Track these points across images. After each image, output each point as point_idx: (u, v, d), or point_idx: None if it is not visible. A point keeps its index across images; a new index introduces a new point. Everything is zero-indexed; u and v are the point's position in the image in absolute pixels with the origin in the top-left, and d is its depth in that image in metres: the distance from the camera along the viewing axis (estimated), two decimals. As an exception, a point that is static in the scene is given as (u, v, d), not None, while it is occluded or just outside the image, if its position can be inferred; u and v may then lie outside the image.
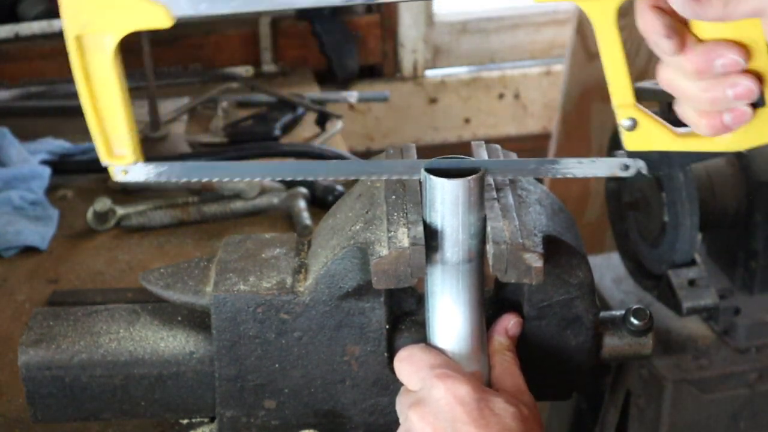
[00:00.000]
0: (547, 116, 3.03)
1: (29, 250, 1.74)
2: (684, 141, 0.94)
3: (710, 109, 0.88)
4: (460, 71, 3.06)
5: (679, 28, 0.86)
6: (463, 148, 1.07)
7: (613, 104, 0.93)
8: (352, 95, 2.49)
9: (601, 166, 0.99)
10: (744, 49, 0.86)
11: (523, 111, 3.07)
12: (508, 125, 3.07)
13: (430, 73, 3.02)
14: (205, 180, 1.01)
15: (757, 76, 0.87)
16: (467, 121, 3.05)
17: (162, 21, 0.89)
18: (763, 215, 1.81)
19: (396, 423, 1.00)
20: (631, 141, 0.94)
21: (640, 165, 0.97)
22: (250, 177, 1.06)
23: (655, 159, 0.96)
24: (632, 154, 0.96)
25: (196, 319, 1.12)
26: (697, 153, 0.95)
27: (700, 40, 0.87)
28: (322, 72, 2.77)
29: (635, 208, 1.92)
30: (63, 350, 1.08)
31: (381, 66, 2.95)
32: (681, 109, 0.91)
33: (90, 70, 0.93)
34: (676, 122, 1.83)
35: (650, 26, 0.86)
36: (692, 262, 1.82)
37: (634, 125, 0.93)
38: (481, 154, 1.06)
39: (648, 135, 0.94)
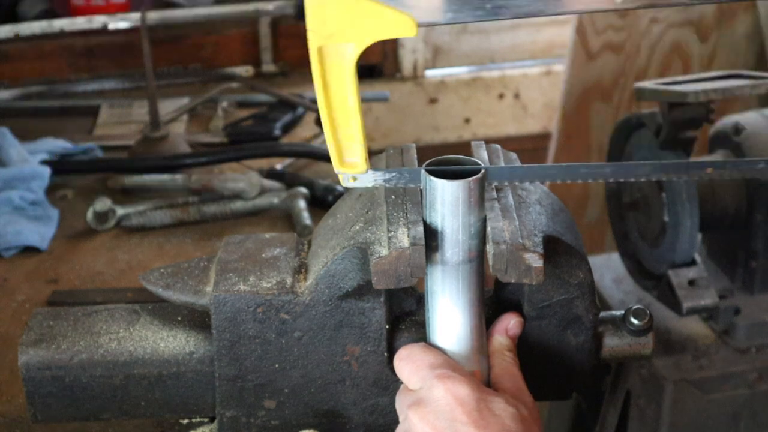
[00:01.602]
0: (547, 116, 3.03)
1: (29, 250, 1.74)
2: None
3: None
4: (460, 71, 3.06)
5: None
6: (463, 148, 1.07)
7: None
8: (351, 95, 2.49)
9: None
10: None
11: (523, 111, 3.07)
12: (508, 125, 3.07)
13: (430, 73, 3.02)
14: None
15: None
16: (467, 121, 3.05)
17: (408, 29, 0.88)
18: (763, 215, 1.81)
19: (396, 423, 1.00)
20: None
21: None
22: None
23: None
24: None
25: (196, 319, 1.12)
26: None
27: None
28: (322, 72, 2.77)
29: (635, 208, 1.92)
30: (63, 350, 1.08)
31: (381, 66, 2.96)
32: None
33: (329, 79, 0.91)
34: (677, 122, 1.83)
35: None
36: (692, 262, 1.82)
37: None
38: (481, 154, 1.06)
39: None
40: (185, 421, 1.20)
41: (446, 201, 0.96)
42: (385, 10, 0.87)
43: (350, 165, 0.97)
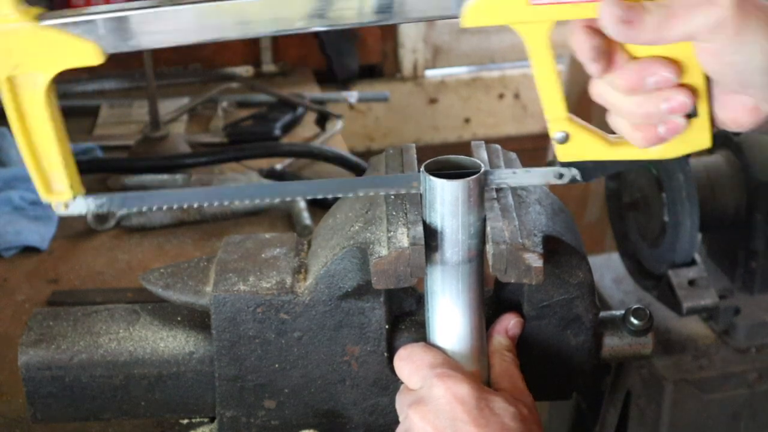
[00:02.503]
0: (547, 116, 3.03)
1: (29, 250, 1.74)
2: (616, 150, 0.96)
3: (644, 123, 0.89)
4: (460, 71, 3.06)
5: (610, 46, 0.87)
6: (463, 148, 1.07)
7: (546, 118, 0.94)
8: (352, 95, 2.49)
9: (535, 175, 1.00)
10: (676, 65, 0.87)
11: (523, 111, 3.07)
12: (508, 125, 3.07)
13: (430, 73, 3.02)
14: (144, 209, 1.01)
15: (691, 90, 0.88)
16: (467, 121, 3.05)
17: (94, 58, 0.89)
18: (763, 215, 1.82)
19: (396, 423, 1.00)
20: (563, 153, 0.96)
21: (575, 173, 0.98)
22: (190, 202, 1.04)
23: (589, 167, 0.98)
24: (565, 164, 0.97)
25: (196, 319, 1.12)
26: (631, 161, 0.96)
27: (632, 57, 0.87)
28: (322, 72, 2.77)
29: (635, 208, 1.92)
30: (63, 350, 1.08)
31: (381, 66, 2.95)
32: (615, 122, 0.92)
33: (23, 109, 0.91)
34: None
35: (579, 47, 0.87)
36: (692, 262, 1.82)
37: (566, 138, 0.95)
38: (481, 154, 1.06)
39: (580, 146, 0.95)
40: (185, 421, 1.20)
41: (446, 201, 0.96)
42: (70, 40, 0.88)
43: (58, 192, 0.96)
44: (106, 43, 0.89)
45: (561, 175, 0.98)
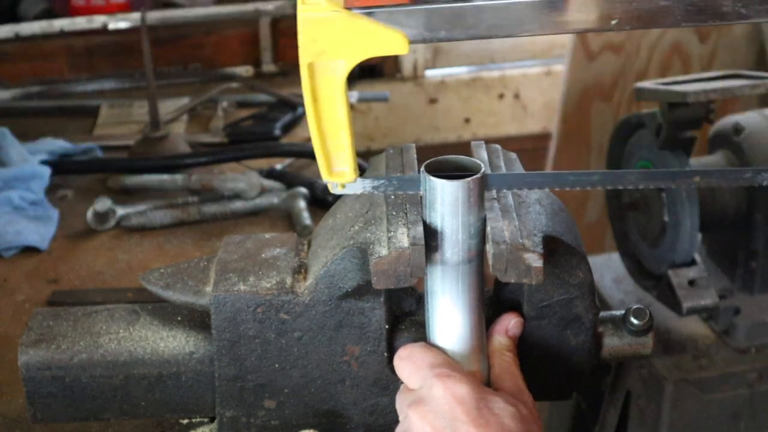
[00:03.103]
0: (547, 116, 3.03)
1: (29, 250, 1.74)
2: None
3: None
4: (460, 71, 3.06)
5: None
6: (463, 148, 1.07)
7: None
8: (352, 95, 2.49)
9: None
10: None
11: (523, 111, 3.06)
12: (508, 125, 3.07)
13: (430, 73, 3.02)
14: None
15: None
16: (467, 121, 3.05)
17: (400, 47, 0.89)
18: (763, 215, 1.81)
19: (396, 423, 1.00)
20: None
21: None
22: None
23: None
24: None
25: (196, 319, 1.12)
26: None
27: None
28: (322, 72, 2.77)
29: (635, 208, 1.92)
30: (63, 350, 1.08)
31: (381, 66, 2.95)
32: None
33: (318, 94, 0.92)
34: (677, 122, 1.83)
35: None
36: (692, 262, 1.82)
37: None
38: (481, 154, 1.06)
39: None
40: (185, 421, 1.20)
41: (446, 201, 0.96)
42: (378, 28, 0.88)
43: (339, 174, 0.98)
44: (414, 33, 0.88)
45: None
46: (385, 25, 0.88)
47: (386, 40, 0.88)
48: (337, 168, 0.98)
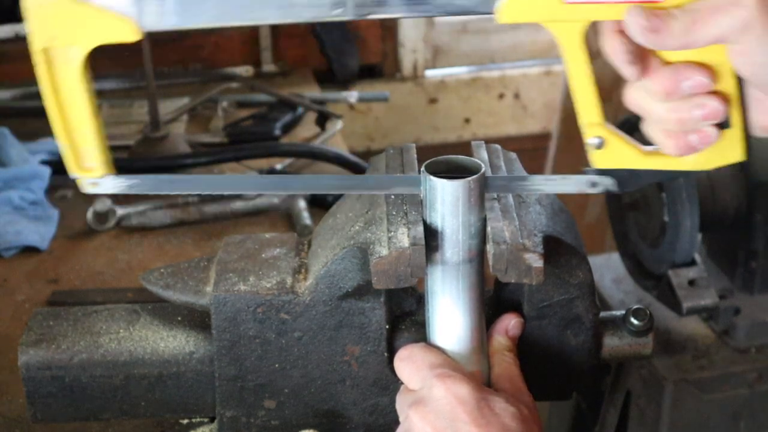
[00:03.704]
0: (547, 116, 3.03)
1: (29, 250, 1.74)
2: (651, 159, 0.95)
3: (677, 130, 0.89)
4: (460, 71, 3.06)
5: (644, 51, 0.86)
6: (463, 148, 1.07)
7: (581, 123, 0.93)
8: (352, 95, 2.49)
9: (569, 182, 0.99)
10: (710, 71, 0.87)
11: (523, 111, 3.07)
12: (508, 125, 3.07)
13: (430, 73, 3.02)
14: (175, 193, 1.02)
15: (724, 98, 0.88)
16: (467, 121, 3.05)
17: (130, 34, 0.89)
18: (763, 215, 1.81)
19: (396, 423, 1.00)
20: (599, 159, 0.95)
21: (608, 182, 0.97)
22: (220, 191, 1.09)
23: (623, 176, 0.96)
24: (601, 172, 0.96)
25: (196, 319, 1.12)
26: (665, 171, 0.95)
27: (666, 62, 0.87)
28: (322, 72, 2.77)
29: (635, 208, 1.92)
30: (63, 350, 1.08)
31: (381, 66, 2.95)
32: (648, 129, 0.91)
33: (57, 83, 0.92)
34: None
35: (613, 51, 0.87)
36: (692, 262, 1.82)
37: (602, 144, 0.94)
38: (482, 154, 1.06)
39: (616, 153, 0.94)
40: (185, 421, 1.20)
41: (446, 201, 0.96)
42: (107, 14, 0.88)
43: (88, 169, 0.96)
44: (144, 20, 0.88)
45: (594, 184, 0.97)
46: (114, 12, 0.87)
47: (115, 27, 0.88)
48: (87, 163, 0.95)
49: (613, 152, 0.94)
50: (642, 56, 0.87)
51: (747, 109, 0.90)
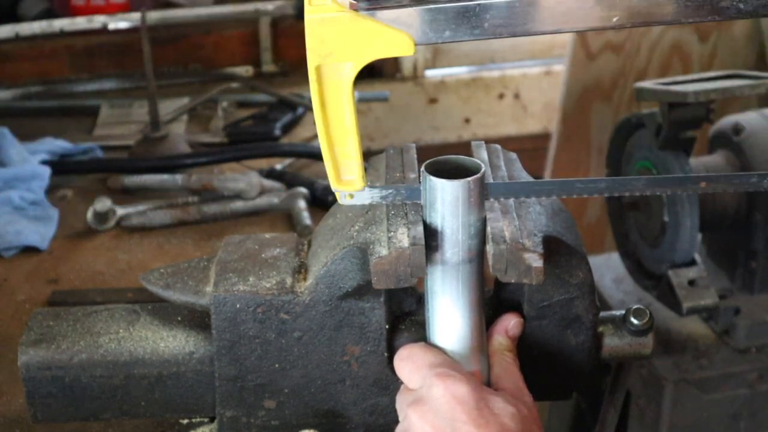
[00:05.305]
0: (547, 116, 3.03)
1: (29, 250, 1.74)
2: None
3: None
4: (460, 71, 3.06)
5: None
6: (463, 148, 1.07)
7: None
8: (351, 95, 2.49)
9: None
10: None
11: (523, 111, 3.07)
12: (508, 125, 3.07)
13: (430, 73, 3.02)
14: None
15: None
16: (467, 121, 3.05)
17: (405, 49, 0.88)
18: (763, 215, 1.81)
19: (396, 423, 1.00)
20: None
21: None
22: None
23: None
24: None
25: (196, 319, 1.12)
26: None
27: None
28: (322, 72, 2.77)
29: (635, 208, 1.92)
30: (63, 350, 1.08)
31: (381, 66, 2.95)
32: None
33: (325, 98, 0.91)
34: (677, 122, 1.83)
35: None
36: (692, 262, 1.82)
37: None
38: (481, 154, 1.06)
39: None
40: (185, 421, 1.20)
41: (446, 201, 0.96)
42: (384, 30, 0.88)
43: (347, 183, 0.97)
44: (420, 34, 0.88)
45: None
46: (391, 26, 0.87)
47: (392, 41, 0.88)
48: (346, 177, 0.96)
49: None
50: None
51: None
